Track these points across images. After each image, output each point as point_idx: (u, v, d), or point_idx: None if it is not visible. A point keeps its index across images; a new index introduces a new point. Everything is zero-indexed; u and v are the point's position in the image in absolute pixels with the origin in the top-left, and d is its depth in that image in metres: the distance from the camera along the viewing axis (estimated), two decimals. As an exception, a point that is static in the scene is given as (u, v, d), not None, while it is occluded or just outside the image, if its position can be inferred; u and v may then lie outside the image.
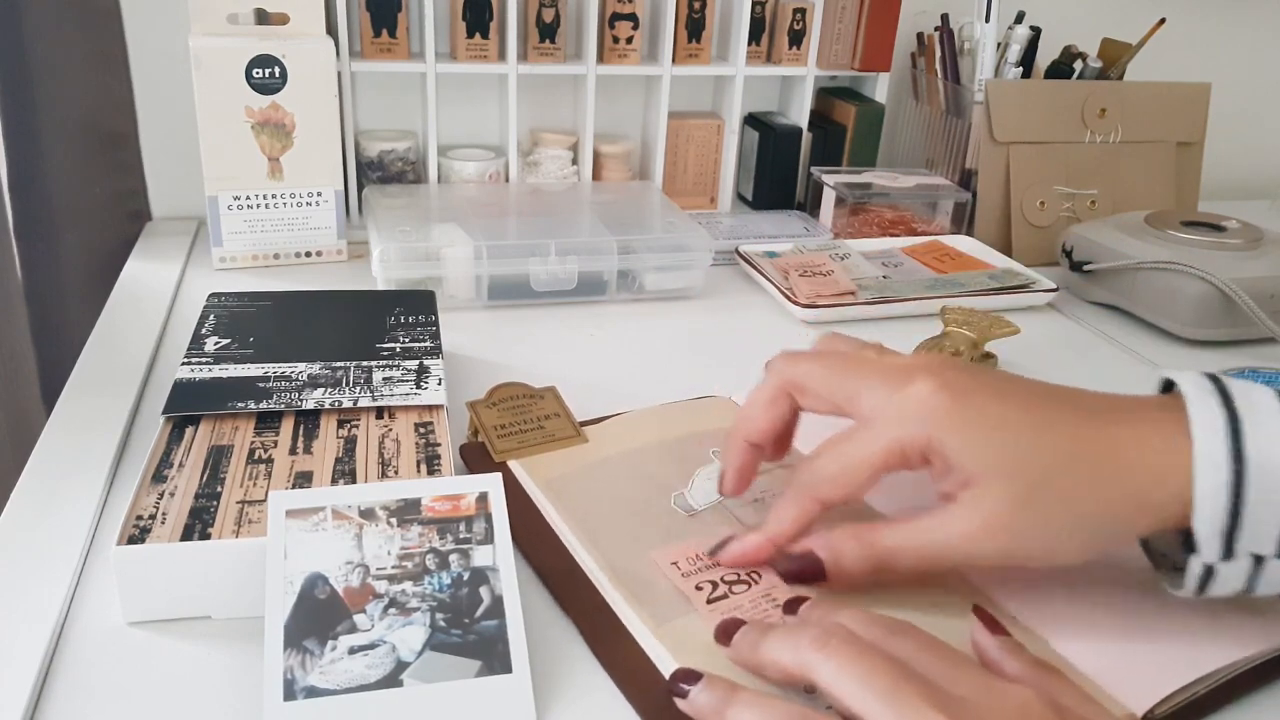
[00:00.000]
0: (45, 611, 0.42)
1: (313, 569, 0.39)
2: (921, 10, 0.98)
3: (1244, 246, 0.77)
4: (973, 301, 0.76)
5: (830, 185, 0.92)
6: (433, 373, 0.54)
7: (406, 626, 0.38)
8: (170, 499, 0.44)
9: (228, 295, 0.61)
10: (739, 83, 0.92)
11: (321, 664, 0.37)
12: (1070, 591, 0.44)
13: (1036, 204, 0.91)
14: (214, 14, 0.74)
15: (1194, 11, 1.09)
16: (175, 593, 0.42)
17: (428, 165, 0.88)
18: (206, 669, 0.40)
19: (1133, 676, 0.39)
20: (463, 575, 0.40)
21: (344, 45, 0.81)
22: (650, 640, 0.41)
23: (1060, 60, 0.96)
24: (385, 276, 0.71)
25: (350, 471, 0.47)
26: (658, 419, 0.56)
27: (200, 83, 0.73)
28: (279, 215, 0.78)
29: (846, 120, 0.96)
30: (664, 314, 0.76)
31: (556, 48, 0.87)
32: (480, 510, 0.42)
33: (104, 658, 0.40)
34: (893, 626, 0.37)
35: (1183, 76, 0.96)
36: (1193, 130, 0.95)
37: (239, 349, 0.55)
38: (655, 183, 0.94)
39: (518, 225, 0.79)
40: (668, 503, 0.49)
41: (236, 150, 0.75)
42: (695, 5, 0.88)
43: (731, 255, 0.84)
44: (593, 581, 0.44)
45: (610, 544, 0.46)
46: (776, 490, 0.50)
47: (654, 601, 0.43)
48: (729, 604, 0.42)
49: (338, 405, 0.51)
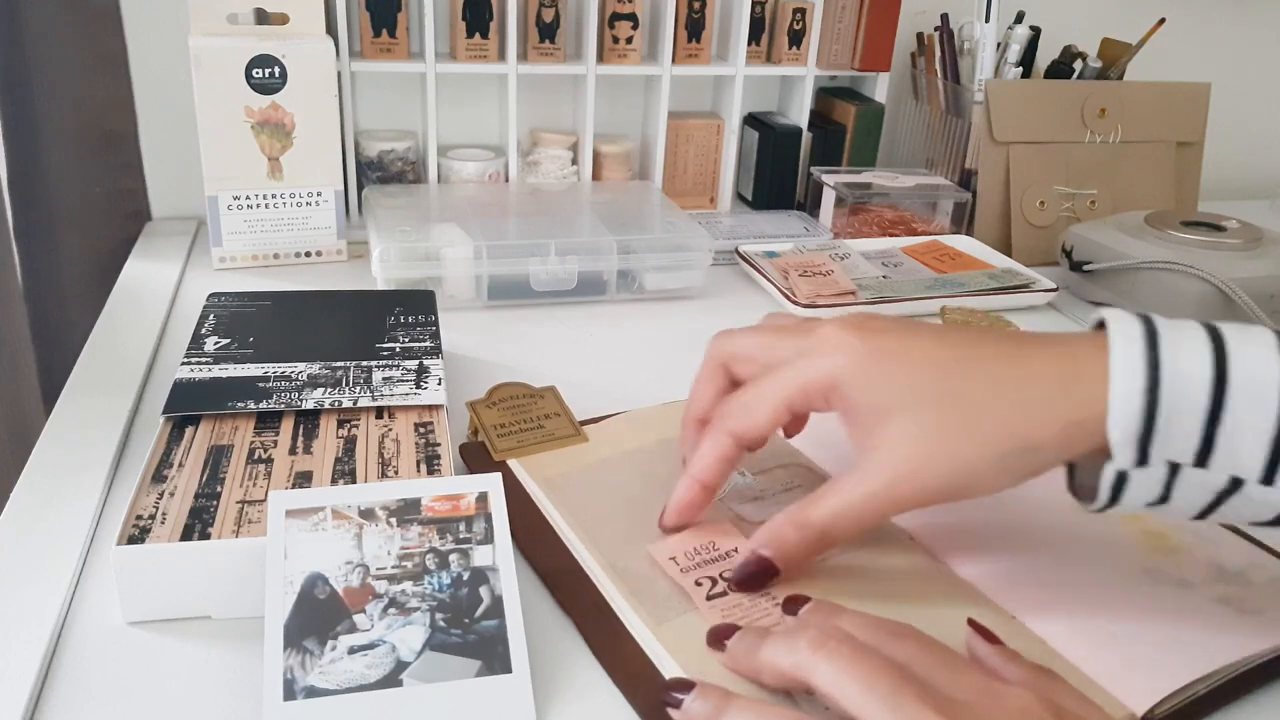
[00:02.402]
0: (45, 611, 0.42)
1: (313, 569, 0.39)
2: (921, 10, 0.98)
3: (1244, 246, 0.77)
4: (973, 301, 0.76)
5: (830, 185, 0.92)
6: (432, 373, 0.54)
7: (406, 626, 0.38)
8: (170, 499, 0.44)
9: (227, 295, 0.61)
10: (739, 83, 0.92)
11: (321, 664, 0.37)
12: (1071, 592, 0.44)
13: (1036, 204, 0.90)
14: (214, 14, 0.74)
15: (1194, 11, 1.09)
16: (175, 593, 0.42)
17: (428, 165, 0.88)
18: (206, 669, 0.40)
19: (1133, 676, 0.39)
20: (462, 575, 0.40)
21: (344, 45, 0.81)
22: (649, 639, 0.41)
23: (1060, 60, 0.96)
24: (385, 276, 0.71)
25: (350, 471, 0.47)
26: (658, 419, 0.56)
27: (200, 83, 0.73)
28: (279, 215, 0.78)
29: (846, 120, 0.96)
30: (664, 314, 0.76)
31: (556, 48, 0.87)
32: (480, 510, 0.42)
33: (104, 658, 0.40)
34: (893, 629, 0.37)
35: (1183, 76, 0.96)
36: (1193, 130, 0.95)
37: (239, 349, 0.55)
38: (655, 183, 0.94)
39: (517, 225, 0.79)
40: (667, 499, 0.49)
41: (236, 150, 0.75)
42: (695, 5, 0.88)
43: (731, 255, 0.84)
44: (592, 580, 0.44)
45: (609, 542, 0.46)
46: (777, 489, 0.50)
47: (653, 600, 0.43)
48: (728, 601, 0.42)
49: (337, 405, 0.51)
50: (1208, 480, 0.37)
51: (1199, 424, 0.36)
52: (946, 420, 0.38)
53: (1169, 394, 0.36)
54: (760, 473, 0.52)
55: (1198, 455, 0.36)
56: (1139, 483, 0.37)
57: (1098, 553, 0.47)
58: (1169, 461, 0.37)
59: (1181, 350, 0.36)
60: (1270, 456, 0.36)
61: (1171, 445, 0.36)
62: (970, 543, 0.48)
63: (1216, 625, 0.42)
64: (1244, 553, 0.48)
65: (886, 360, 0.40)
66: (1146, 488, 0.37)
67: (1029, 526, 0.49)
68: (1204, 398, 0.36)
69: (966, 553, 0.46)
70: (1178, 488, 0.37)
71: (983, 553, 0.47)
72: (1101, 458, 0.37)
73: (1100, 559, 0.47)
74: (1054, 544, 0.48)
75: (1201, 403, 0.36)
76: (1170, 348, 0.36)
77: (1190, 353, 0.36)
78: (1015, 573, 0.45)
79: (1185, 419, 0.36)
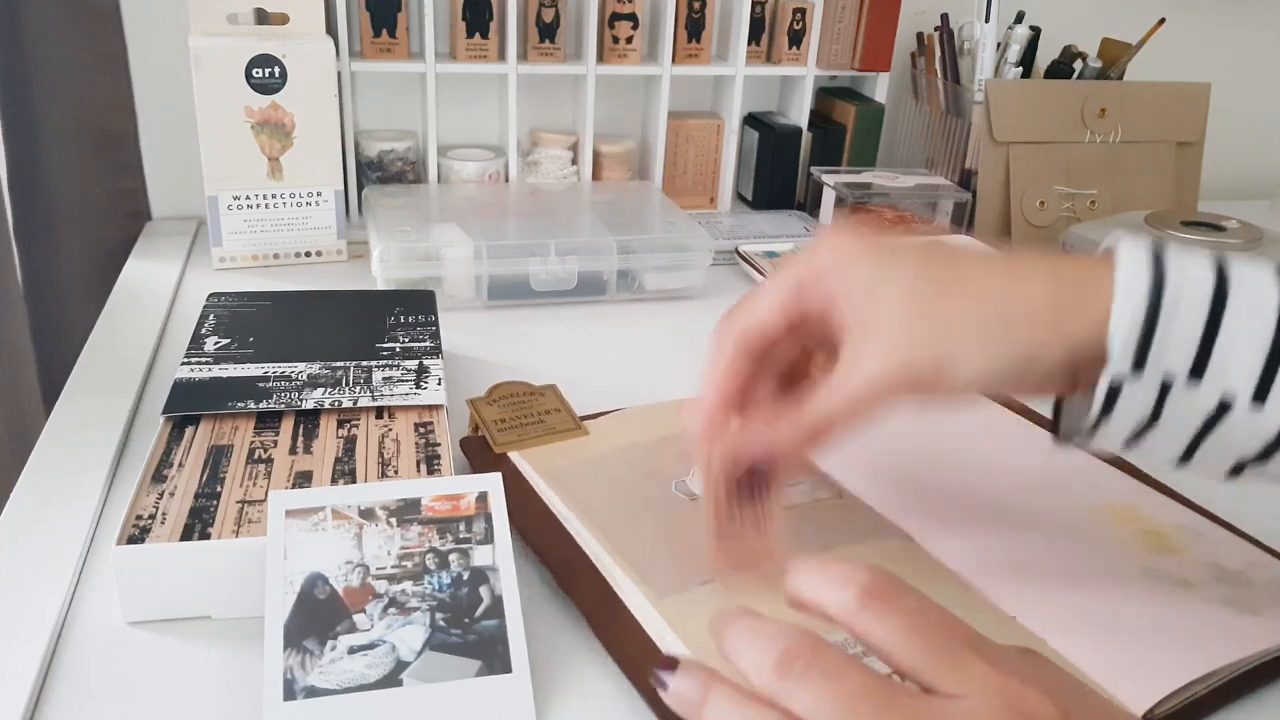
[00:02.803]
0: (45, 611, 0.42)
1: (312, 569, 0.39)
2: (921, 10, 0.98)
3: (1244, 246, 0.77)
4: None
5: (830, 185, 0.92)
6: (432, 372, 0.54)
7: (406, 626, 0.38)
8: (170, 499, 0.44)
9: (227, 295, 0.62)
10: (739, 83, 0.92)
11: (321, 664, 0.37)
12: (1070, 591, 0.44)
13: (1036, 204, 0.90)
14: (214, 14, 0.74)
15: (1194, 11, 1.09)
16: (175, 593, 0.42)
17: (428, 165, 0.88)
18: (206, 669, 0.40)
19: (1132, 676, 0.39)
20: (462, 575, 0.40)
21: (344, 45, 0.81)
22: (651, 615, 0.41)
23: (1060, 60, 0.96)
24: (385, 276, 0.71)
25: (350, 471, 0.47)
26: (658, 415, 0.57)
27: (200, 83, 0.73)
28: (279, 215, 0.78)
29: (846, 120, 0.96)
30: (664, 314, 0.76)
31: (556, 48, 0.87)
32: (480, 510, 0.42)
33: (104, 658, 0.40)
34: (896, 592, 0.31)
35: (1183, 76, 0.96)
36: (1193, 130, 0.95)
37: (239, 349, 0.55)
38: (655, 183, 0.94)
39: (517, 225, 0.79)
40: (669, 489, 0.50)
41: (236, 150, 0.75)
42: (695, 5, 0.88)
43: (731, 255, 0.84)
44: (594, 562, 0.45)
45: (611, 524, 0.46)
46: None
47: (655, 577, 0.43)
48: None
49: (337, 405, 0.51)
50: (1198, 401, 0.37)
51: (1198, 329, 0.36)
52: (938, 299, 0.38)
53: (1172, 296, 0.36)
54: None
55: (1193, 366, 0.36)
56: (1131, 395, 0.37)
57: (1098, 553, 0.47)
58: (1163, 378, 0.37)
59: (1188, 261, 0.37)
60: (1265, 370, 0.36)
61: (1169, 353, 0.36)
62: (970, 543, 0.48)
63: (1216, 625, 0.42)
64: (1244, 553, 0.48)
65: (880, 251, 0.40)
66: (1139, 401, 0.37)
67: (1029, 527, 0.49)
68: (1205, 303, 0.36)
69: (966, 553, 0.46)
70: (1169, 406, 0.37)
71: (983, 553, 0.47)
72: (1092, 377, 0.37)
73: (1100, 559, 0.47)
74: (1054, 544, 0.48)
75: (1202, 307, 0.36)
76: (1176, 259, 0.37)
77: (1196, 264, 0.37)
78: (1015, 572, 0.45)
79: (1185, 323, 0.36)
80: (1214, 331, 0.36)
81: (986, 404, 0.62)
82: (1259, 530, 0.51)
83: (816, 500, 0.50)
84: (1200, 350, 0.36)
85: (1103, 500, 0.52)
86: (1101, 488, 0.53)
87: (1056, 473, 0.54)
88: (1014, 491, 0.52)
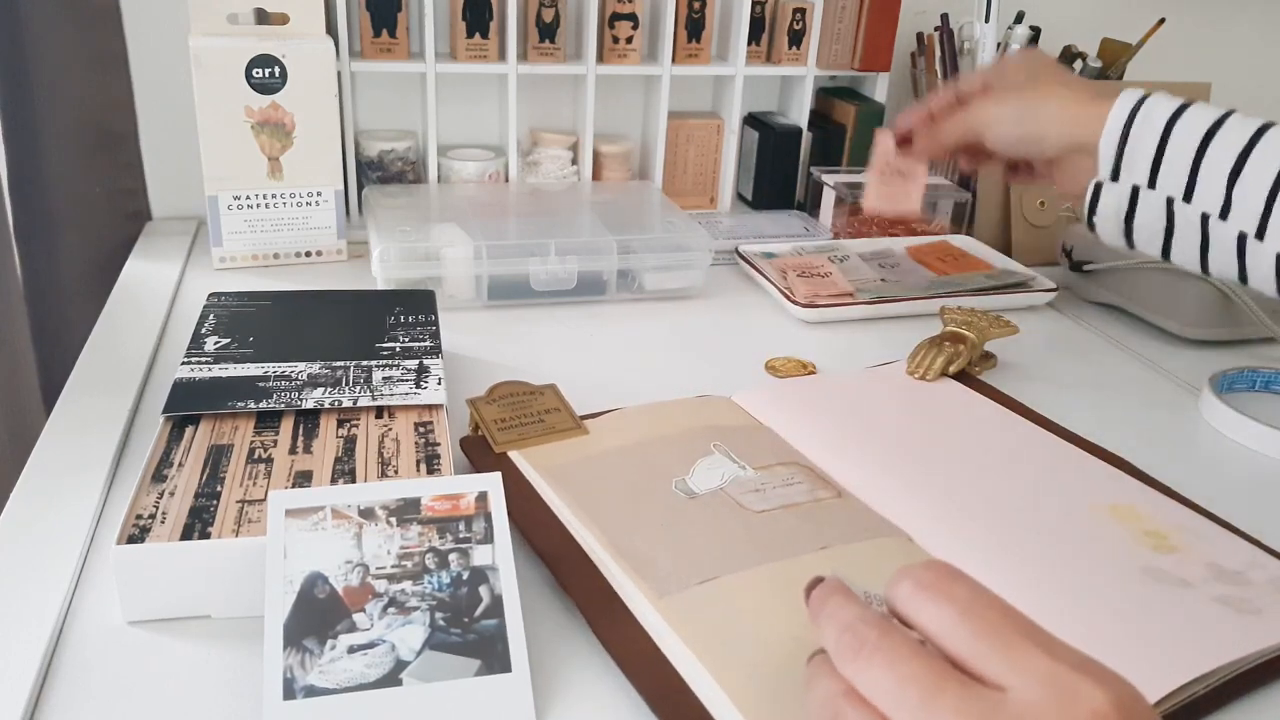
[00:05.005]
0: (45, 611, 0.42)
1: (312, 568, 0.39)
2: (921, 10, 0.98)
3: (1244, 246, 0.77)
4: (972, 301, 0.76)
5: (830, 185, 0.92)
6: (432, 372, 0.54)
7: (406, 626, 0.38)
8: (170, 498, 0.44)
9: (228, 295, 0.62)
10: (739, 83, 0.92)
11: (321, 663, 0.37)
12: (1070, 591, 0.44)
13: (1036, 204, 0.90)
14: (214, 14, 0.74)
15: (1194, 11, 1.09)
16: (175, 592, 0.42)
17: (428, 165, 0.88)
18: (206, 668, 0.40)
19: (1131, 676, 0.39)
20: (462, 574, 0.40)
21: (344, 45, 0.81)
22: (650, 614, 0.41)
23: (1060, 60, 0.96)
24: (385, 276, 0.71)
25: (350, 471, 0.47)
26: (658, 414, 0.57)
27: (200, 82, 0.73)
28: (279, 215, 0.78)
29: (846, 120, 0.96)
30: (664, 314, 0.76)
31: (556, 48, 0.87)
32: (480, 509, 0.42)
33: (104, 657, 0.40)
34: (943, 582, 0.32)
35: (1183, 76, 0.96)
36: (1193, 130, 0.95)
37: (239, 349, 0.55)
38: (655, 183, 0.94)
39: (517, 225, 0.79)
40: (669, 487, 0.50)
41: (236, 150, 0.75)
42: (695, 5, 0.88)
43: (731, 255, 0.84)
44: (593, 560, 0.45)
45: (611, 523, 0.46)
46: (777, 484, 0.50)
47: (655, 576, 0.43)
48: None
49: (337, 405, 0.51)
50: (1154, 200, 0.56)
51: (1153, 146, 0.56)
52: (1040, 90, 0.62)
53: (1140, 124, 0.56)
54: (761, 468, 0.52)
55: (1149, 175, 0.56)
56: (1111, 190, 0.58)
57: (1097, 552, 0.47)
58: (1132, 185, 0.57)
59: (1160, 100, 0.57)
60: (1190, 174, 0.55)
61: (1135, 167, 0.57)
62: (970, 542, 0.48)
63: (1216, 625, 0.42)
64: (1244, 553, 0.48)
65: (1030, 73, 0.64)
66: (1117, 194, 0.58)
67: (1029, 526, 0.49)
68: (1160, 127, 0.56)
69: (966, 552, 0.46)
70: (1140, 204, 0.57)
71: (982, 552, 0.47)
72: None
73: (1100, 559, 0.47)
74: (1054, 544, 0.48)
75: (1158, 129, 0.56)
76: (1154, 99, 0.57)
77: (1164, 102, 0.57)
78: (1015, 572, 0.45)
79: (1145, 143, 0.56)
80: (1162, 149, 0.56)
81: (987, 404, 0.62)
82: (1259, 530, 0.51)
83: (816, 500, 0.50)
84: (1153, 165, 0.56)
85: (1103, 500, 0.52)
86: (1101, 488, 0.53)
87: (1056, 472, 0.54)
88: (1014, 491, 0.52)
